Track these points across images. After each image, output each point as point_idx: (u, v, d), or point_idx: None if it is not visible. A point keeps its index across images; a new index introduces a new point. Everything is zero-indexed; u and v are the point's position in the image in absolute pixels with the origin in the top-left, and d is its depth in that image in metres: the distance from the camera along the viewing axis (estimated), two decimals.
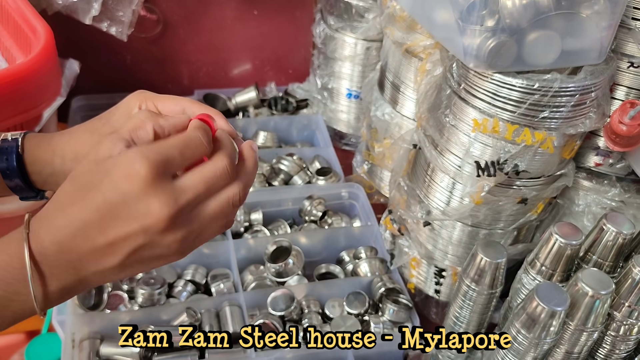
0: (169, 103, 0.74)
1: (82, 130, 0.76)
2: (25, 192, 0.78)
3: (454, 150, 1.12)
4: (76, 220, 0.57)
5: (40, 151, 0.76)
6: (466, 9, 0.97)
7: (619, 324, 0.98)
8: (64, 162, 0.75)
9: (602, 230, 1.01)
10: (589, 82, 1.00)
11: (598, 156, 1.22)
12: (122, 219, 0.56)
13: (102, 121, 0.76)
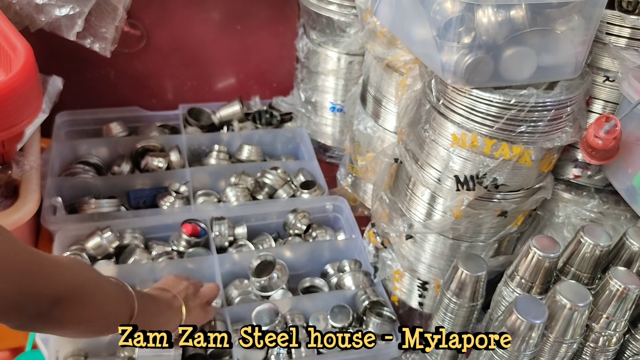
0: None
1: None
2: None
3: (434, 165, 1.14)
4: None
5: None
6: (443, 26, 0.99)
7: (597, 335, 0.99)
8: None
9: (579, 243, 1.03)
10: (564, 96, 1.02)
11: (577, 168, 1.23)
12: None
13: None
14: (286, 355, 1.23)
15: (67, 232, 1.44)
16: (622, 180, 1.09)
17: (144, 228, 1.49)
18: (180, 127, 1.84)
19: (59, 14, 1.44)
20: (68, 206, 1.53)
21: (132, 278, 1.37)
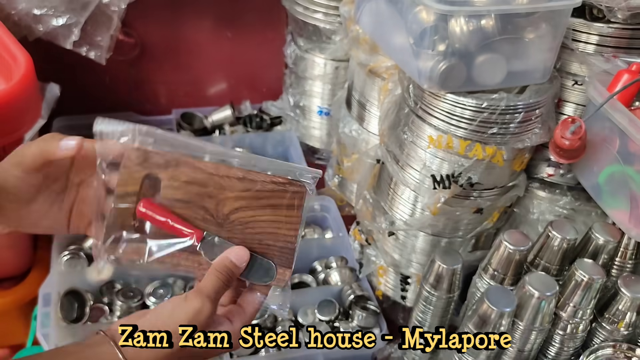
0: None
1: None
2: None
3: (414, 165, 1.20)
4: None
5: None
6: (419, 34, 1.06)
7: (565, 323, 1.06)
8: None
9: (548, 237, 1.10)
10: (533, 100, 1.09)
11: (550, 167, 1.30)
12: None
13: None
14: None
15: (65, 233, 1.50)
16: (588, 178, 1.16)
17: None
18: (173, 131, 1.90)
19: (56, 24, 1.50)
20: None
21: (128, 276, 1.44)
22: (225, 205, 0.80)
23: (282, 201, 0.81)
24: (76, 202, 0.83)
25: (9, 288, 1.49)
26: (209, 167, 0.80)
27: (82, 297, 1.36)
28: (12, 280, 1.51)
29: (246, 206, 0.81)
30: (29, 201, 0.80)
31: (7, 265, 1.49)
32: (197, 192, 0.80)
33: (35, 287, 1.43)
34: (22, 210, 0.80)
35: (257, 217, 0.81)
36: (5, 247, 1.46)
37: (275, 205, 0.81)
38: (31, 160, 0.77)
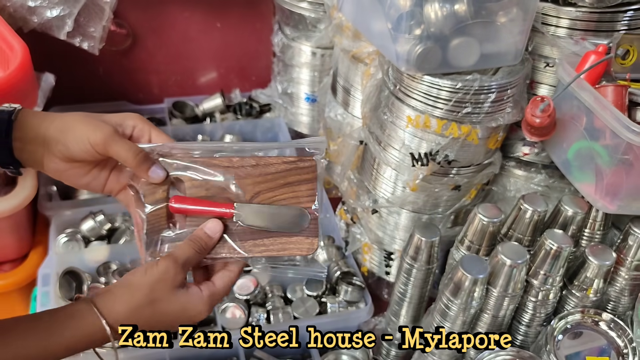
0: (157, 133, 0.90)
1: (76, 112, 0.89)
2: (3, 154, 0.85)
3: (394, 145, 1.26)
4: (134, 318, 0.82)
5: (32, 117, 0.85)
6: (396, 19, 1.12)
7: (537, 290, 1.12)
8: (49, 127, 0.84)
9: (520, 209, 1.16)
10: (505, 80, 1.15)
11: (525, 146, 1.36)
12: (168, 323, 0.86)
13: (96, 114, 0.88)
14: (265, 321, 1.37)
15: (62, 216, 1.56)
16: (559, 154, 1.22)
17: None
18: (165, 119, 1.95)
19: (50, 15, 1.55)
20: (62, 193, 1.65)
21: (123, 257, 1.50)
22: (246, 192, 0.87)
23: (297, 177, 0.88)
24: (115, 168, 0.89)
25: (8, 270, 1.54)
26: (224, 162, 0.87)
27: (80, 277, 1.42)
28: (11, 263, 1.56)
29: (265, 189, 0.87)
30: (77, 162, 0.86)
31: (7, 249, 1.54)
32: (217, 186, 0.86)
33: (34, 269, 1.49)
34: (68, 165, 0.85)
35: (277, 196, 0.88)
36: (6, 232, 1.51)
37: (291, 183, 0.88)
38: (98, 147, 0.82)
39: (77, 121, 0.84)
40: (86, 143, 0.82)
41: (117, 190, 0.91)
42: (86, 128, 0.83)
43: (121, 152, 0.83)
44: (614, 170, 1.06)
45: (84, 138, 0.82)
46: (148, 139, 0.87)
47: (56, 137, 0.83)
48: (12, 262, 1.57)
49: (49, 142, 0.83)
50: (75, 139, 0.82)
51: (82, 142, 0.82)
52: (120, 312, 0.81)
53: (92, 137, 0.82)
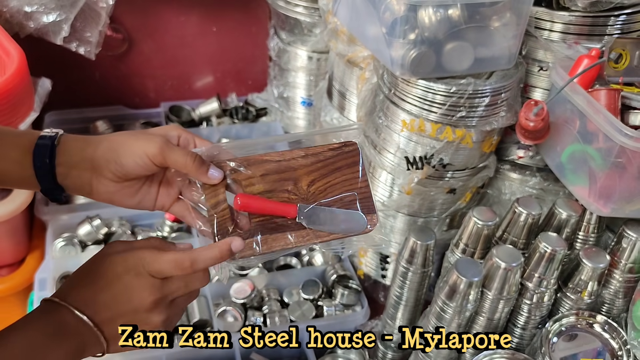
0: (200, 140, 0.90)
1: (119, 132, 0.88)
2: (47, 181, 0.83)
3: (389, 148, 1.27)
4: (99, 295, 0.77)
5: (74, 141, 0.83)
6: (391, 24, 1.13)
7: (531, 292, 1.13)
8: (96, 150, 0.82)
9: (514, 213, 1.17)
10: (499, 84, 1.16)
11: (520, 150, 1.37)
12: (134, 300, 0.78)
13: (139, 130, 0.88)
14: (262, 323, 1.37)
15: (59, 221, 1.56)
16: (553, 157, 1.23)
17: (130, 216, 1.62)
18: (162, 123, 1.96)
19: (46, 20, 1.56)
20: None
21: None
22: (301, 182, 0.89)
23: (344, 162, 0.92)
24: (164, 181, 0.89)
25: (5, 275, 1.55)
26: (275, 156, 0.89)
27: None
28: (8, 268, 1.57)
29: (318, 177, 0.90)
30: (129, 180, 0.85)
31: (3, 253, 1.54)
32: (274, 180, 0.88)
33: (31, 274, 1.49)
34: (119, 186, 0.84)
35: (330, 182, 0.91)
36: (2, 236, 1.51)
37: (340, 167, 0.92)
38: (156, 158, 0.81)
39: (126, 138, 0.83)
40: (143, 156, 0.81)
41: (169, 204, 0.90)
42: (140, 142, 0.82)
43: (179, 159, 0.82)
44: (607, 173, 1.07)
45: (139, 152, 0.81)
46: (193, 146, 0.88)
47: (107, 157, 0.82)
48: (9, 267, 1.57)
49: (98, 164, 0.82)
50: (131, 154, 0.81)
51: (139, 156, 0.81)
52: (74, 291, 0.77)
53: (148, 149, 0.81)
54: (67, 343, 0.74)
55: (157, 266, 0.78)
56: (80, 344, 0.75)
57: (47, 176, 0.82)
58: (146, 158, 0.82)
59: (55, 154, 0.82)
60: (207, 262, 0.81)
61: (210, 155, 0.86)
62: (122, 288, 0.77)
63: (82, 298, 0.75)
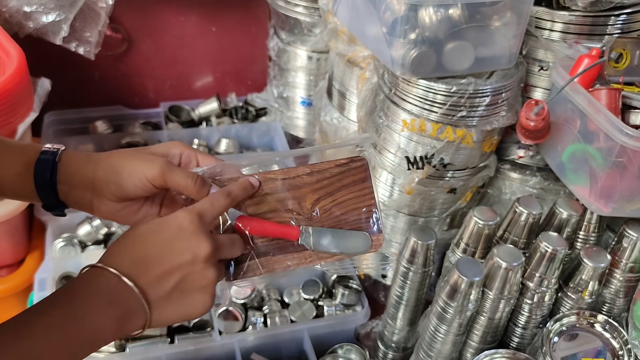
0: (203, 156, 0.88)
1: (119, 150, 0.87)
2: (49, 198, 0.83)
3: (390, 148, 1.27)
4: (139, 257, 0.72)
5: (75, 159, 0.83)
6: (391, 24, 1.12)
7: (532, 292, 1.13)
8: (96, 170, 0.81)
9: (515, 212, 1.17)
10: (499, 84, 1.16)
11: (520, 149, 1.37)
12: (176, 252, 0.73)
13: (140, 148, 0.87)
14: (262, 324, 1.37)
15: (59, 221, 1.56)
16: (553, 157, 1.23)
17: None
18: (161, 123, 1.96)
19: (45, 20, 1.55)
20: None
21: None
22: (306, 201, 0.87)
23: (352, 178, 0.90)
24: (166, 199, 0.88)
25: (5, 276, 1.54)
26: (279, 174, 0.87)
27: None
28: (8, 268, 1.57)
29: (324, 195, 0.88)
30: (130, 200, 0.84)
31: (3, 254, 1.54)
32: (277, 199, 0.87)
33: (31, 274, 1.49)
34: (120, 205, 0.84)
35: (336, 200, 0.89)
36: (2, 237, 1.51)
37: (347, 185, 0.89)
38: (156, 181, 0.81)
39: (126, 159, 0.82)
40: (142, 178, 0.80)
41: None
42: (139, 164, 0.81)
43: (180, 181, 0.81)
44: (608, 172, 1.07)
45: (139, 174, 0.80)
46: (196, 163, 0.86)
47: (106, 178, 0.81)
48: (9, 267, 1.57)
49: (99, 185, 0.81)
50: (130, 176, 0.80)
51: (138, 179, 0.80)
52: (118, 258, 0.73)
53: (148, 171, 0.80)
54: (114, 309, 0.69)
55: (197, 207, 0.76)
56: (126, 309, 0.70)
57: (48, 192, 0.82)
58: (146, 180, 0.81)
59: (56, 170, 0.81)
60: (239, 191, 0.82)
61: (212, 173, 0.84)
62: (165, 245, 0.73)
63: (121, 262, 0.71)
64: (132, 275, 0.70)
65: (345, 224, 0.88)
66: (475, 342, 1.17)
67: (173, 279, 0.72)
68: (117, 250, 0.73)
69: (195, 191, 0.81)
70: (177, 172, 0.81)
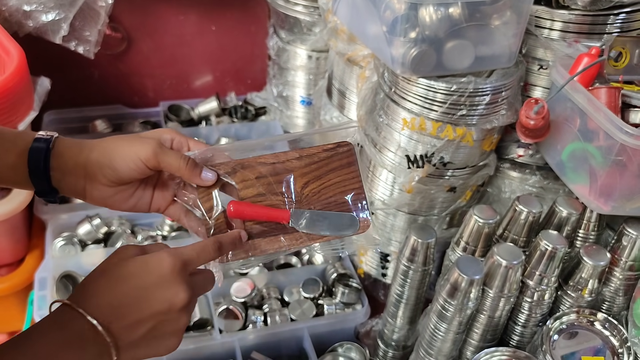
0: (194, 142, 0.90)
1: (112, 136, 0.87)
2: (42, 185, 0.83)
3: (390, 147, 1.27)
4: (116, 301, 0.70)
5: (68, 146, 0.83)
6: (391, 23, 1.13)
7: (532, 290, 1.13)
8: (89, 155, 0.82)
9: (515, 211, 1.17)
10: (499, 83, 1.16)
11: (520, 148, 1.37)
12: (154, 300, 0.71)
13: (132, 134, 0.88)
14: (262, 323, 1.37)
15: (59, 220, 1.56)
16: (553, 155, 1.23)
17: (130, 215, 1.62)
18: (161, 122, 1.96)
19: (45, 19, 1.56)
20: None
21: None
22: (295, 184, 0.91)
23: (339, 162, 0.93)
24: (158, 184, 0.89)
25: (5, 275, 1.54)
26: (269, 158, 0.91)
27: (77, 280, 1.42)
28: (7, 267, 1.56)
29: (312, 178, 0.92)
30: (123, 184, 0.85)
31: (3, 253, 1.54)
32: (268, 182, 0.90)
33: (31, 273, 1.49)
34: (113, 190, 0.85)
35: (324, 183, 0.92)
36: (2, 235, 1.51)
37: (335, 169, 0.93)
38: (149, 161, 0.82)
39: (119, 143, 0.83)
40: (136, 160, 0.81)
41: (165, 206, 0.90)
42: (132, 146, 0.82)
43: (172, 162, 0.82)
44: (608, 171, 1.07)
45: (132, 156, 0.81)
46: (187, 149, 0.88)
47: (100, 162, 0.82)
48: (9, 266, 1.57)
49: (92, 170, 0.82)
50: (124, 158, 0.81)
51: (132, 160, 0.81)
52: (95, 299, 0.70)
53: (141, 152, 0.81)
54: (82, 353, 0.68)
55: (184, 255, 0.75)
56: (95, 354, 0.68)
57: (42, 179, 0.82)
58: (139, 162, 0.82)
59: (49, 157, 0.81)
60: (229, 245, 0.82)
61: (204, 158, 0.87)
62: (144, 292, 0.71)
63: (97, 304, 0.69)
64: (105, 321, 0.68)
65: (334, 206, 0.92)
66: (475, 341, 1.18)
67: (146, 326, 0.71)
68: (94, 291, 0.71)
69: (187, 172, 0.83)
70: (169, 154, 0.83)
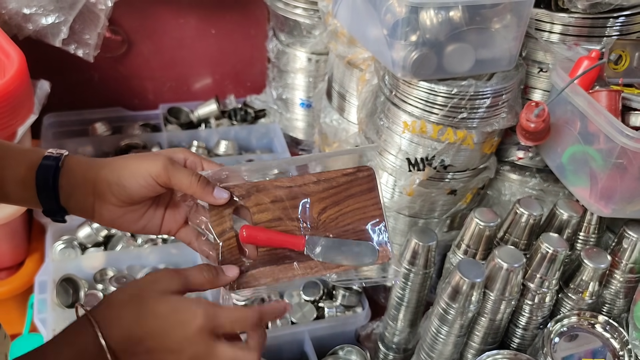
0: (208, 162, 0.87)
1: (122, 155, 0.86)
2: (50, 204, 0.82)
3: (390, 150, 1.27)
4: (136, 338, 0.71)
5: (77, 164, 0.82)
6: (392, 26, 1.13)
7: (533, 293, 1.13)
8: (98, 173, 0.80)
9: (516, 214, 1.17)
10: (499, 86, 1.16)
11: (520, 151, 1.38)
12: (171, 348, 0.71)
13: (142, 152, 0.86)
14: None
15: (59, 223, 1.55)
16: (553, 158, 1.23)
17: None
18: (161, 125, 1.96)
19: (45, 22, 1.55)
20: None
21: (120, 263, 1.50)
22: (312, 210, 0.86)
23: (358, 188, 0.89)
24: (170, 205, 0.87)
25: (5, 278, 1.54)
26: (286, 182, 0.86)
27: (77, 283, 1.42)
28: (7, 271, 1.56)
29: (330, 204, 0.87)
30: (132, 204, 0.83)
31: (3, 256, 1.54)
32: (283, 207, 0.85)
33: (31, 276, 1.49)
34: (122, 210, 0.83)
35: (342, 210, 0.87)
36: (2, 239, 1.51)
37: (354, 194, 0.88)
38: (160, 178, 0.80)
39: (129, 160, 0.82)
40: (146, 176, 0.79)
41: (176, 229, 0.88)
42: (142, 162, 0.80)
43: (183, 179, 0.80)
44: (608, 174, 1.08)
45: (143, 172, 0.79)
46: (201, 169, 0.85)
47: (109, 179, 0.80)
48: (8, 270, 1.57)
49: (101, 188, 0.81)
50: (134, 175, 0.80)
51: (142, 176, 0.80)
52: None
53: (151, 168, 0.79)
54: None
55: (217, 320, 0.72)
56: None
57: (50, 197, 0.81)
58: (150, 178, 0.80)
59: (58, 175, 0.80)
60: (270, 316, 0.78)
61: (218, 178, 0.83)
62: (162, 341, 0.71)
63: (118, 335, 0.70)
64: (119, 351, 0.70)
65: (352, 233, 0.87)
66: (477, 343, 1.18)
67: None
68: (121, 318, 0.72)
69: (199, 190, 0.80)
70: (180, 170, 0.81)
